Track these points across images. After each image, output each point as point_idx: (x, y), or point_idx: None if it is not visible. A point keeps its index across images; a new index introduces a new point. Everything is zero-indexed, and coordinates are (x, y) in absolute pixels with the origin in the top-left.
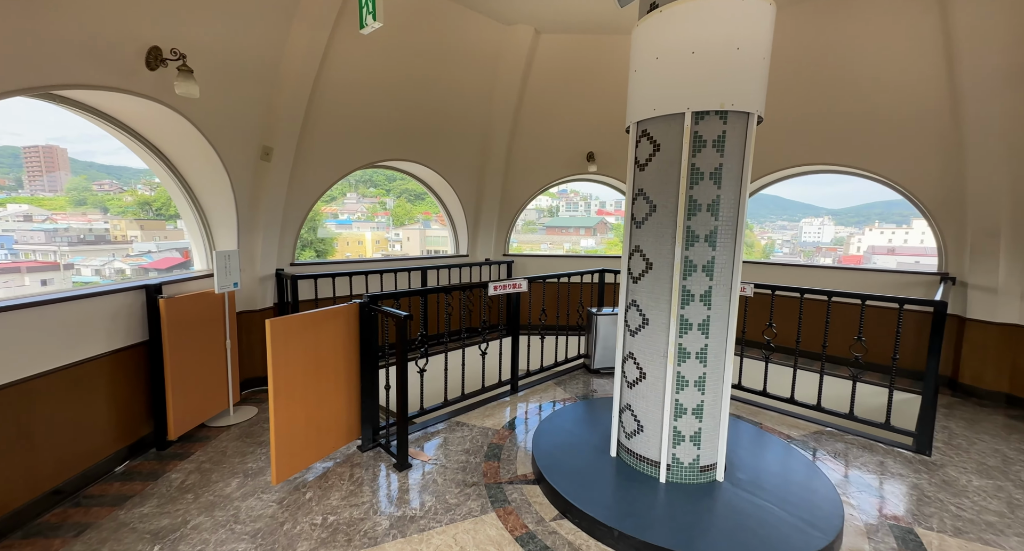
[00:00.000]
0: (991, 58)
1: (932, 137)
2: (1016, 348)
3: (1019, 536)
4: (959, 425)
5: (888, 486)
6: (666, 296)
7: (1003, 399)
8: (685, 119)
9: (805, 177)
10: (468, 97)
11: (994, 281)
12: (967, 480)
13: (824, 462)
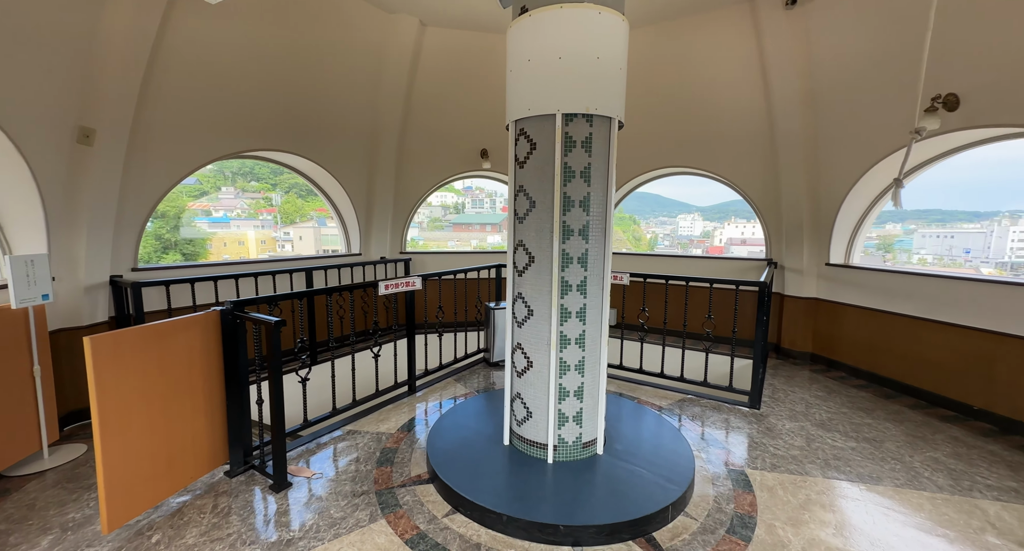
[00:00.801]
0: (792, 82)
1: (756, 147)
2: (815, 317)
3: (812, 463)
4: (780, 382)
5: (730, 438)
6: (547, 287)
7: (808, 358)
8: (556, 120)
9: (678, 178)
10: (352, 87)
11: (800, 264)
12: (782, 425)
13: (685, 425)
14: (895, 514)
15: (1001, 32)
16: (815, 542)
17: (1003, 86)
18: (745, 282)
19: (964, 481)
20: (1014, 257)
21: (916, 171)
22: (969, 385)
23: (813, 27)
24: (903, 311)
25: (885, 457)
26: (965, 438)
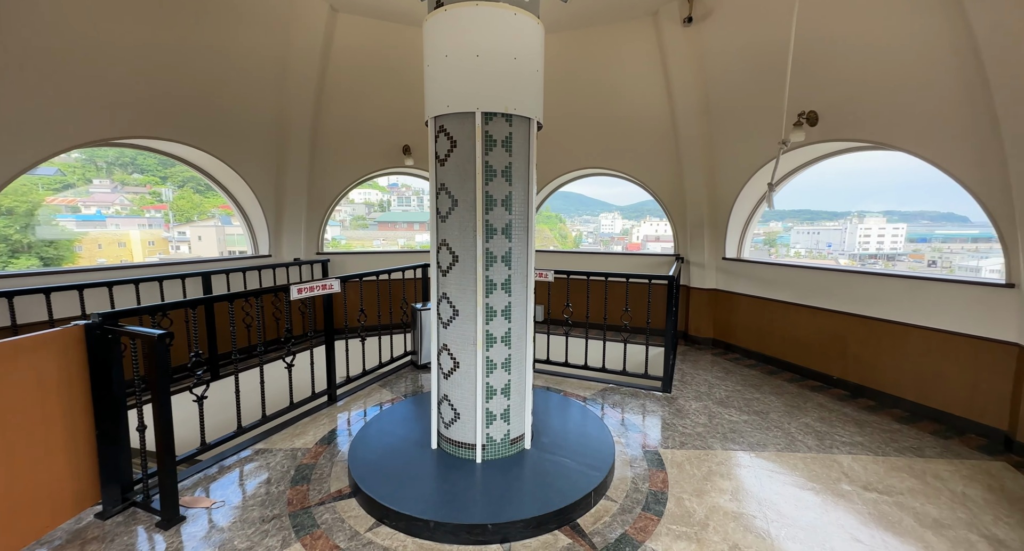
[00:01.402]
0: (691, 93)
1: (663, 151)
2: (715, 306)
3: (714, 438)
4: (687, 366)
5: (646, 422)
6: (472, 287)
7: (711, 343)
8: (476, 118)
9: (599, 178)
10: (253, 72)
11: (702, 258)
12: (689, 405)
13: (607, 413)
14: (777, 475)
15: (846, 60)
16: (715, 509)
17: (848, 106)
18: (656, 276)
19: (827, 440)
20: (860, 249)
21: (789, 176)
22: (829, 359)
23: (706, 44)
24: (782, 298)
25: (769, 426)
26: (828, 404)
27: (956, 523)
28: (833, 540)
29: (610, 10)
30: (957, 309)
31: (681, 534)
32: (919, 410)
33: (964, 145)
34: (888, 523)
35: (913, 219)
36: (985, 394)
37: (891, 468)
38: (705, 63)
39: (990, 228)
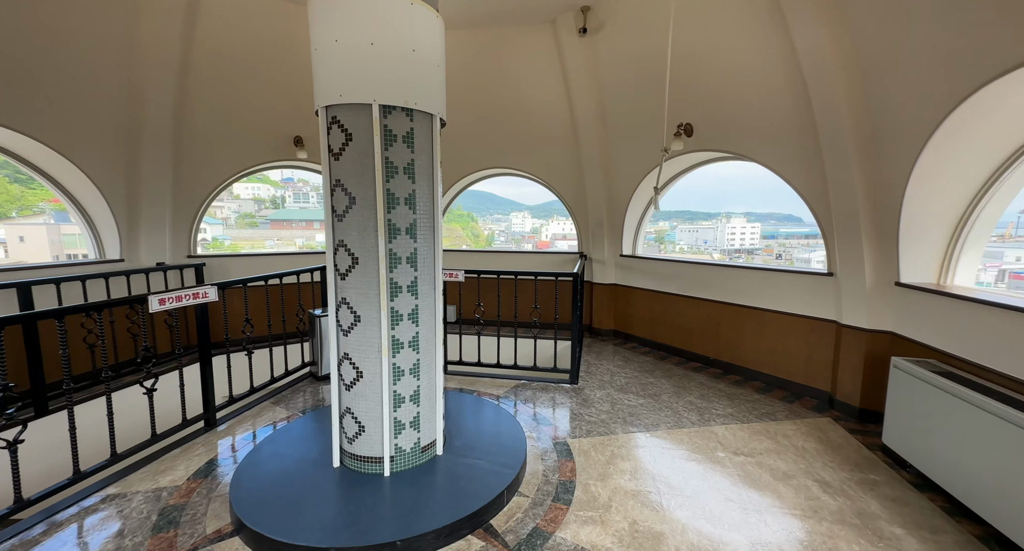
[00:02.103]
0: (588, 99)
1: (566, 154)
2: (615, 299)
3: (615, 423)
4: (592, 357)
5: (556, 414)
6: (375, 290)
7: (612, 334)
8: (373, 111)
9: (509, 178)
10: (91, 42)
11: (603, 256)
12: (594, 394)
13: (520, 409)
14: (669, 451)
15: (711, 77)
16: (617, 490)
17: (714, 120)
18: (562, 274)
19: (706, 415)
20: (728, 245)
21: (673, 180)
22: (707, 342)
23: (600, 55)
24: (671, 290)
25: (661, 407)
26: (706, 382)
27: (798, 473)
28: (711, 503)
29: (511, 13)
30: (796, 295)
31: (587, 519)
32: (773, 381)
33: (796, 156)
34: (751, 481)
35: (765, 219)
36: (816, 363)
37: (753, 433)
38: (600, 73)
39: (816, 226)
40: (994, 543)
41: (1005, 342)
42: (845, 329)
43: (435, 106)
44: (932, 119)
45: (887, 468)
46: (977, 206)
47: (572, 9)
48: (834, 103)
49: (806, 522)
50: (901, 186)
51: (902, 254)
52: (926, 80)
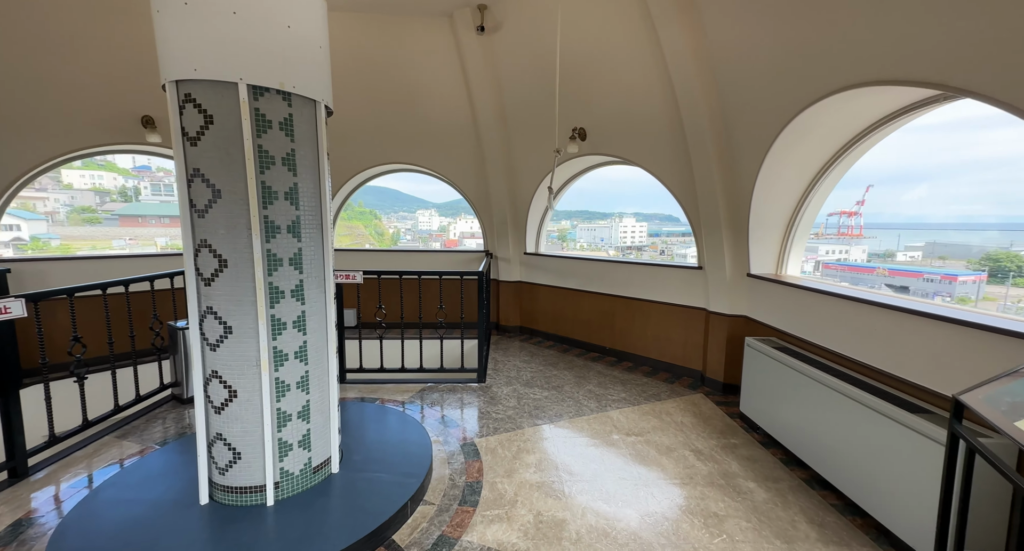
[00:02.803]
0: (489, 98)
1: (469, 152)
2: (520, 296)
3: (522, 417)
4: (499, 354)
5: (465, 415)
6: (250, 297)
7: (519, 330)
8: (240, 92)
9: (414, 175)
10: None
11: (508, 254)
12: (501, 391)
13: (427, 413)
14: (571, 439)
15: (600, 85)
16: (523, 484)
17: (604, 126)
18: (468, 272)
19: (603, 401)
20: (621, 243)
21: (571, 181)
22: (604, 333)
23: (499, 55)
24: (571, 286)
25: (564, 398)
26: (604, 370)
27: (678, 445)
28: (608, 483)
29: (406, 2)
30: (674, 286)
31: (494, 517)
32: (658, 365)
33: (670, 160)
34: (641, 458)
35: (650, 219)
36: (690, 346)
37: (643, 414)
38: (500, 73)
39: (689, 225)
40: (815, 483)
41: (823, 320)
42: (712, 315)
43: (319, 91)
44: (772, 130)
45: (744, 432)
46: (802, 208)
47: (469, 6)
48: (696, 110)
49: (684, 488)
50: (749, 189)
51: (752, 249)
52: (767, 93)
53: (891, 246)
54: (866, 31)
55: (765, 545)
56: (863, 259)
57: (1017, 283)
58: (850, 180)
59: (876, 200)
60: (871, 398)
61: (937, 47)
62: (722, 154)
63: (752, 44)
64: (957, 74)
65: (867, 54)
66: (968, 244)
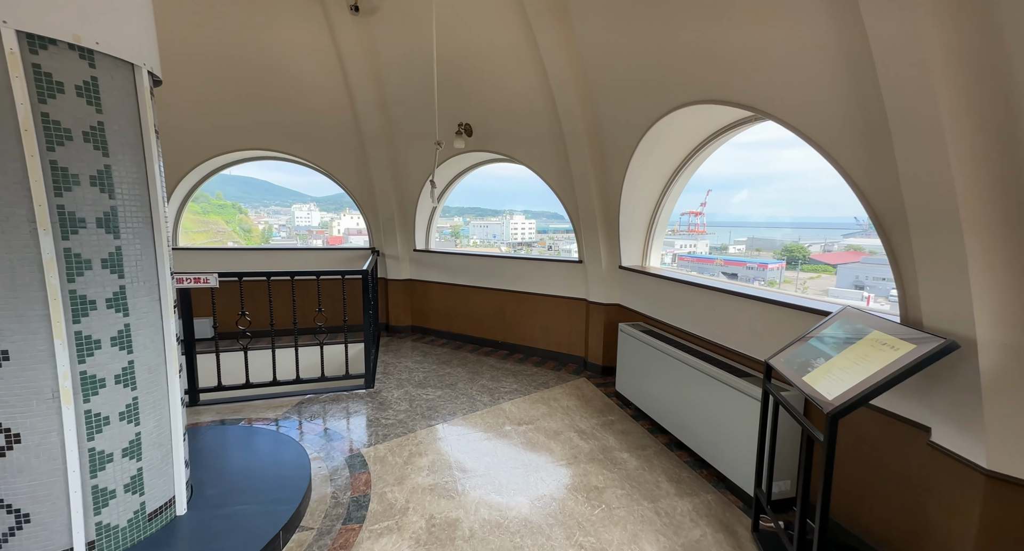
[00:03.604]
0: (369, 86)
1: (348, 144)
2: (411, 294)
3: (414, 420)
4: (390, 356)
5: (351, 425)
6: (38, 309)
7: (410, 330)
8: (5, 39)
9: (289, 166)
10: None
11: (396, 251)
12: (391, 395)
13: (306, 429)
14: (465, 436)
15: (485, 82)
16: (415, 489)
17: (489, 122)
18: (350, 272)
19: (496, 394)
20: (512, 239)
21: (460, 177)
22: (496, 327)
23: (378, 40)
24: (463, 282)
25: (458, 395)
26: (496, 364)
27: (564, 428)
28: (501, 474)
29: None
30: (559, 280)
31: (383, 530)
32: (546, 354)
33: (554, 161)
34: (531, 445)
35: (538, 216)
36: (574, 335)
37: (533, 402)
38: (379, 59)
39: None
40: (674, 446)
41: (675, 304)
42: (591, 305)
43: (138, 53)
44: (635, 137)
45: (619, 409)
46: (660, 207)
47: None
48: (573, 115)
49: (570, 468)
50: (619, 190)
51: (622, 244)
52: (630, 104)
53: (725, 240)
54: (702, 57)
55: (636, 507)
56: (706, 252)
57: (804, 268)
58: (696, 185)
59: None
60: (710, 367)
61: (751, 76)
62: (596, 157)
63: (616, 58)
64: (763, 100)
65: (703, 76)
66: (773, 239)
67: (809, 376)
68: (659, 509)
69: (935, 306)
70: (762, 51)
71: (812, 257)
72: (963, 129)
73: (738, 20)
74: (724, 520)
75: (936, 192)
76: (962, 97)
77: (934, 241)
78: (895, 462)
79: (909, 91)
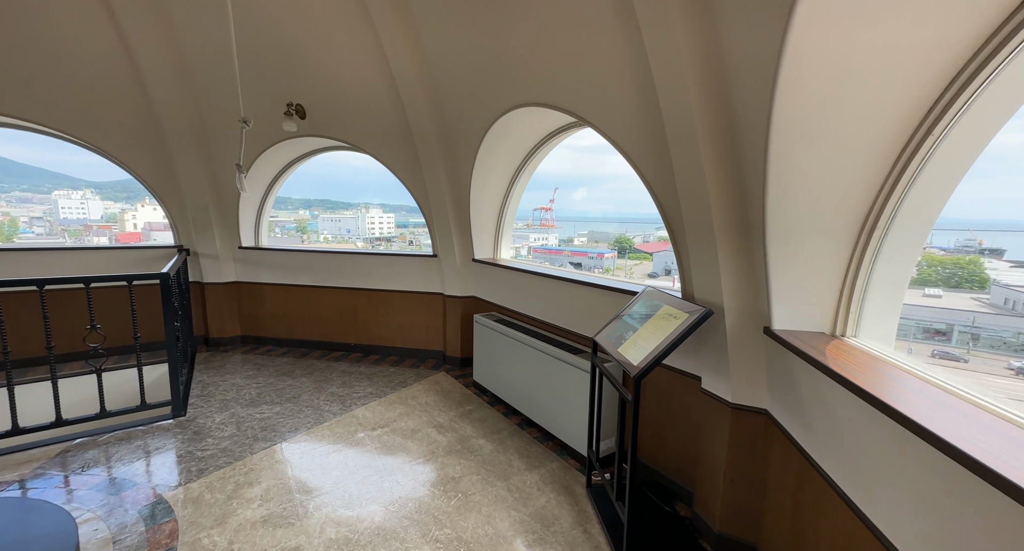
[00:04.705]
0: (157, 38)
1: (133, 115)
2: (239, 299)
3: (243, 445)
4: (211, 374)
5: (151, 467)
6: None
7: (240, 341)
8: None
9: (56, 142)
10: None
11: (214, 249)
12: (212, 421)
13: (76, 485)
14: (310, 452)
15: (321, 63)
16: (242, 526)
17: (327, 106)
18: (141, 276)
19: (347, 401)
20: (369, 234)
21: (295, 164)
22: (347, 329)
23: (174, 16)
24: (305, 282)
25: (302, 408)
26: (348, 368)
27: (422, 425)
28: (352, 486)
29: None
30: (414, 275)
31: None
32: (404, 352)
33: (402, 153)
34: (387, 449)
35: (397, 210)
36: (432, 330)
37: (390, 404)
38: (175, 19)
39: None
40: (525, 425)
41: (525, 293)
42: (448, 298)
43: None
44: (479, 134)
45: (477, 397)
46: (507, 202)
47: None
48: (420, 111)
49: (428, 464)
50: (467, 185)
51: (475, 238)
52: (473, 102)
53: (571, 233)
54: (537, 61)
55: (490, 489)
56: (556, 244)
57: (631, 256)
58: (545, 183)
59: (561, 200)
60: (552, 348)
61: (572, 86)
62: (446, 153)
63: (459, 58)
64: (584, 108)
65: (536, 80)
66: (608, 232)
67: (622, 347)
68: (511, 486)
69: (700, 284)
70: (575, 60)
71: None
72: (714, 146)
73: (553, 30)
74: (565, 483)
75: (703, 203)
76: (711, 117)
77: (699, 238)
78: (680, 408)
79: (675, 104)
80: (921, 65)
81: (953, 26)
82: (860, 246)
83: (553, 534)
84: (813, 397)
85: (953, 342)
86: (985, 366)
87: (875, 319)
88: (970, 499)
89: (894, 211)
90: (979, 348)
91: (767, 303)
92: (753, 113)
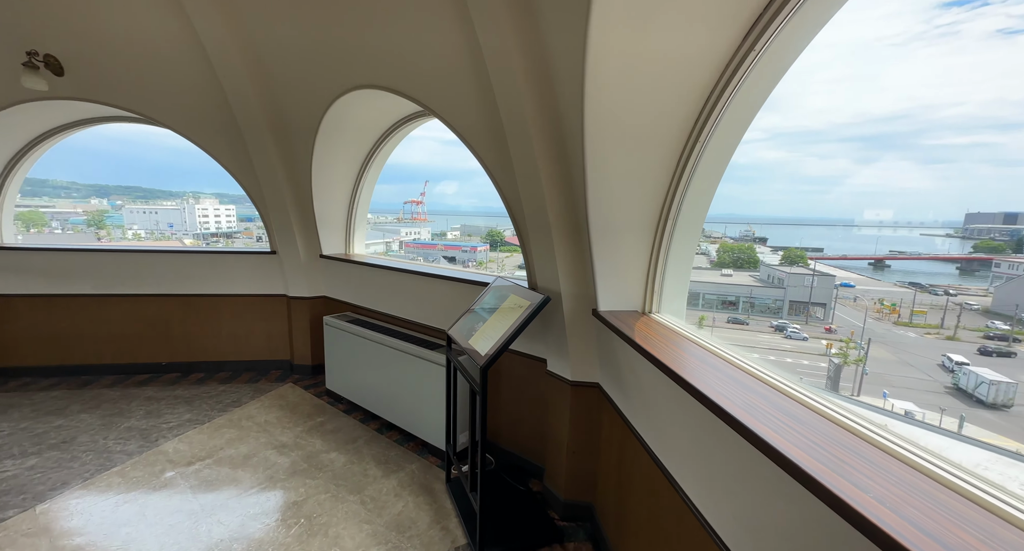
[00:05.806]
0: None
1: None
2: None
3: None
4: None
5: None
6: None
7: None
8: None
9: None
10: None
11: None
12: None
13: None
14: (89, 510)
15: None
16: None
17: (102, 64)
18: None
19: (152, 435)
20: (202, 229)
21: (59, 133)
22: (157, 346)
23: None
24: (84, 291)
25: (77, 454)
26: (157, 394)
27: (259, 448)
28: (148, 543)
29: None
30: (247, 275)
31: None
32: (239, 366)
33: (223, 133)
34: (208, 484)
35: (239, 201)
36: (275, 337)
37: (216, 429)
38: None
39: None
40: (385, 429)
41: (382, 290)
42: (293, 300)
43: None
44: (315, 119)
45: (331, 407)
46: (358, 192)
47: None
48: (244, 93)
49: (264, 493)
50: (307, 173)
51: (321, 231)
52: (306, 86)
53: (444, 228)
54: (380, 43)
55: (340, 506)
56: (429, 238)
57: (502, 249)
58: (413, 176)
59: (432, 194)
60: (409, 345)
61: (410, 69)
62: (278, 137)
63: (287, 42)
64: (433, 99)
65: (381, 63)
66: (479, 225)
67: (472, 339)
68: (365, 498)
69: (543, 274)
70: (413, 44)
71: (507, 240)
72: (547, 147)
73: (384, 13)
74: (425, 483)
75: (540, 204)
76: (544, 118)
77: (540, 235)
78: (532, 392)
79: (510, 102)
80: (688, 75)
81: (704, 40)
82: (657, 240)
83: (409, 539)
84: (626, 366)
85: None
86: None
87: (670, 297)
88: (718, 436)
89: (678, 210)
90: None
91: (594, 288)
92: (574, 115)
